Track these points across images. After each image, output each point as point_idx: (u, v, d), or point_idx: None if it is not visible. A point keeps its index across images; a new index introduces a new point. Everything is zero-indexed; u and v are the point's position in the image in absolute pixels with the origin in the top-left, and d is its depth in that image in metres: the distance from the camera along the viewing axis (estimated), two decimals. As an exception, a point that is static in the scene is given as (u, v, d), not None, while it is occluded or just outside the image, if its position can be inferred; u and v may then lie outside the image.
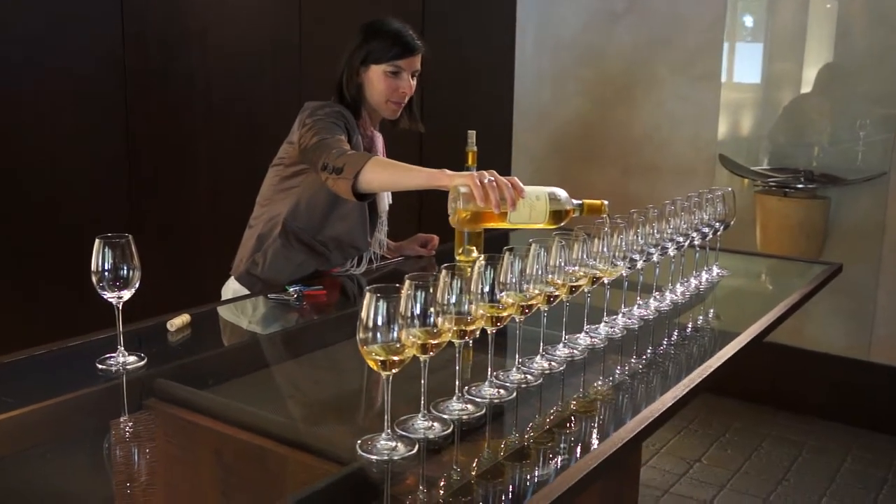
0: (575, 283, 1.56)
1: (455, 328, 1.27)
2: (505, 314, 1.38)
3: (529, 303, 1.44)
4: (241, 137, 3.30)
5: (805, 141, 3.99)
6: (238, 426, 1.36)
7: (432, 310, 1.19)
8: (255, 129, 3.32)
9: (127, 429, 1.39)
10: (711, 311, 2.10)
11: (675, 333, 1.86)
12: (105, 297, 1.49)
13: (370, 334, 1.15)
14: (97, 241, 1.47)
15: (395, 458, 1.18)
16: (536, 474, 1.22)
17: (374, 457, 1.18)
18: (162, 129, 3.05)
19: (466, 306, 1.29)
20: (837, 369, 3.91)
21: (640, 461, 2.36)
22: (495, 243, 1.45)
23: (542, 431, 1.34)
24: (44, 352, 1.59)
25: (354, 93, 2.24)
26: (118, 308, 1.51)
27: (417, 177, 1.90)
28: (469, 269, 1.32)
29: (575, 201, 1.85)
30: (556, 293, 1.51)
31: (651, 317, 1.90)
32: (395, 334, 1.16)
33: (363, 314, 1.15)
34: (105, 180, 2.89)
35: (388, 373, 1.18)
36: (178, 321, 1.72)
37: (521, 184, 1.79)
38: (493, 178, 1.75)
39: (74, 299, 2.43)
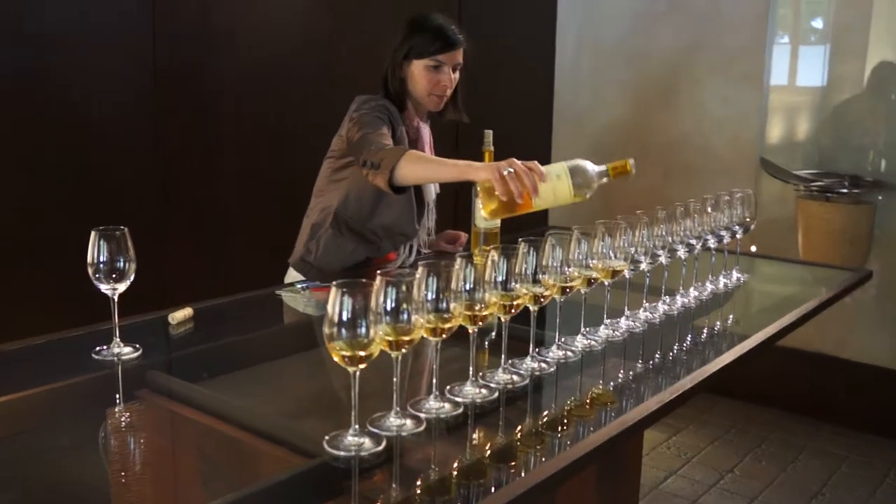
0: (542, 294, 1.51)
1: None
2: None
3: (516, 302, 1.42)
4: (269, 137, 3.34)
5: (853, 144, 3.87)
6: (220, 419, 1.37)
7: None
8: (285, 128, 3.36)
9: (118, 418, 1.41)
10: (731, 317, 2.05)
11: (682, 337, 1.82)
12: (101, 288, 1.52)
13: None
14: (93, 233, 1.50)
15: (363, 453, 1.17)
16: (516, 473, 1.21)
17: (342, 452, 1.17)
18: (190, 129, 3.10)
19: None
20: (883, 382, 3.78)
21: (640, 465, 2.31)
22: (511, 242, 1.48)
23: (527, 433, 1.32)
24: (43, 341, 1.62)
25: (398, 87, 2.30)
26: (114, 300, 1.53)
27: (449, 171, 1.98)
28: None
29: (598, 168, 1.87)
30: (546, 293, 1.49)
31: (658, 320, 1.85)
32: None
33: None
34: (134, 181, 2.96)
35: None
36: (180, 314, 1.74)
37: (540, 167, 1.85)
38: (511, 170, 1.82)
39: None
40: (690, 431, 3.79)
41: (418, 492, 1.14)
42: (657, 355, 1.69)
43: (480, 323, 1.36)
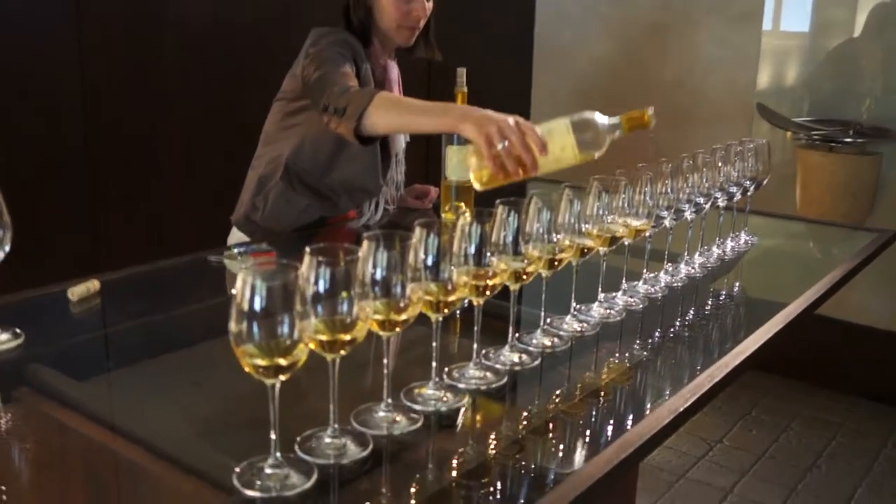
0: (558, 257, 1.24)
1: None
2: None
3: (491, 282, 1.12)
4: (214, 74, 2.98)
5: (854, 90, 3.56)
6: (113, 430, 1.07)
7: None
8: (233, 64, 3.00)
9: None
10: (737, 285, 1.77)
11: (691, 312, 1.54)
12: (-35, 261, 1.20)
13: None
14: (-47, 191, 1.18)
15: (286, 493, 0.88)
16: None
17: (257, 493, 0.88)
18: (122, 60, 2.74)
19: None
20: (882, 345, 3.54)
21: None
22: (486, 201, 1.19)
23: (509, 442, 1.03)
24: None
25: (363, 17, 1.98)
26: (-16, 275, 1.22)
27: (427, 122, 1.70)
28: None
29: (611, 120, 1.55)
30: (529, 268, 1.19)
31: (659, 294, 1.57)
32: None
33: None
34: (62, 116, 2.60)
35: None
36: (82, 289, 1.42)
37: (539, 136, 1.52)
38: (505, 143, 1.50)
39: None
40: (677, 397, 3.54)
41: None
42: (681, 329, 1.46)
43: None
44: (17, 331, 1.26)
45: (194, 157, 2.95)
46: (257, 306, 0.82)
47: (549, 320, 1.35)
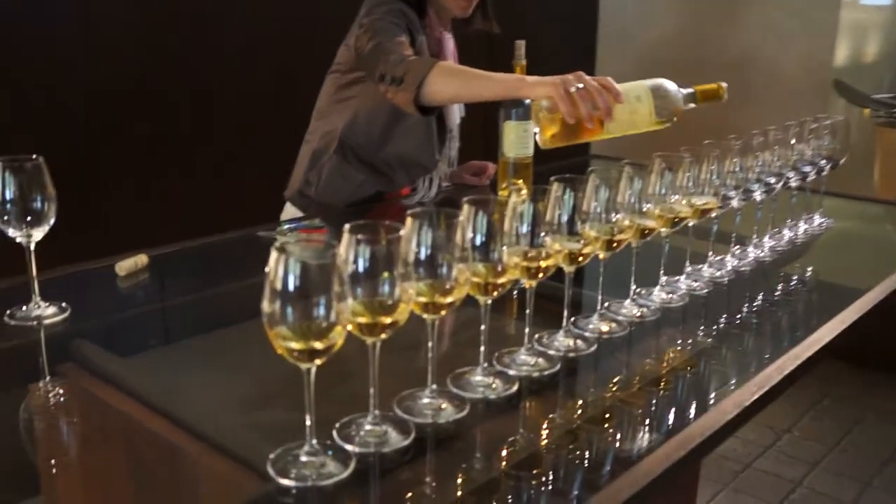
0: (616, 238, 1.17)
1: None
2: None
3: (544, 263, 1.06)
4: (268, 46, 2.95)
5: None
6: (151, 409, 1.04)
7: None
8: (287, 36, 2.97)
9: (30, 402, 1.09)
10: (810, 270, 1.67)
11: (760, 298, 1.45)
12: (11, 234, 1.19)
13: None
14: (-5, 165, 1.16)
15: (322, 483, 0.84)
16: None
17: (292, 482, 0.84)
18: (177, 37, 2.73)
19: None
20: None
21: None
22: (546, 180, 1.13)
23: (563, 430, 0.97)
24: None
25: None
26: (29, 249, 1.20)
27: (492, 86, 1.67)
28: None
29: (684, 90, 1.54)
30: (585, 249, 1.12)
31: (725, 278, 1.48)
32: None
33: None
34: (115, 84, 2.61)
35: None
36: (129, 263, 1.41)
37: (615, 85, 1.52)
38: (581, 85, 1.49)
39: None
40: (743, 385, 3.42)
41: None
42: (748, 315, 1.37)
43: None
44: (64, 305, 1.24)
45: (250, 130, 2.94)
46: (291, 286, 0.77)
47: (606, 304, 1.28)
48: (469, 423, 0.98)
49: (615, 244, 1.16)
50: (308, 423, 0.84)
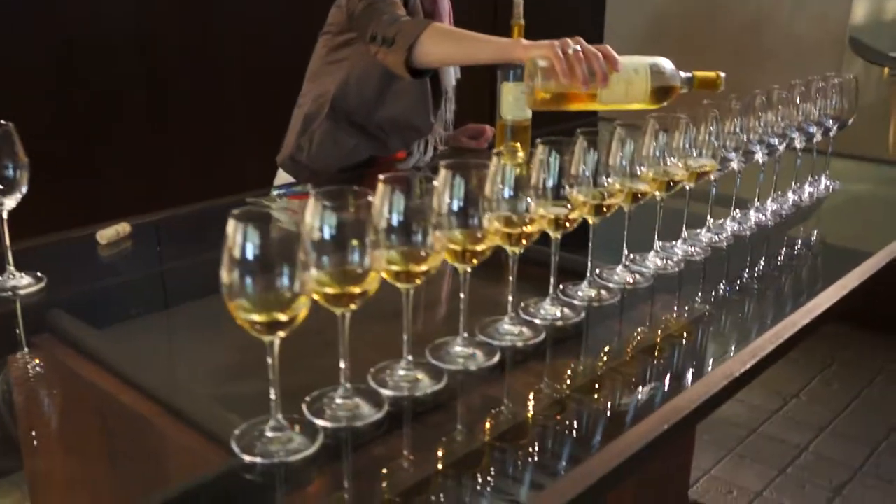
0: (606, 202, 1.12)
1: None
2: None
3: (529, 229, 1.02)
4: (259, 7, 2.89)
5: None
6: (126, 381, 1.02)
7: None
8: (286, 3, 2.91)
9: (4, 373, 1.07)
10: (815, 234, 1.62)
11: (761, 263, 1.40)
12: (-18, 202, 1.16)
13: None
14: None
15: (289, 459, 0.81)
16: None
17: (258, 458, 0.81)
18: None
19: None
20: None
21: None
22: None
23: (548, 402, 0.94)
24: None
25: None
26: (1, 217, 1.17)
27: (485, 49, 1.63)
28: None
29: (683, 74, 1.51)
30: (572, 214, 1.08)
31: (724, 243, 1.43)
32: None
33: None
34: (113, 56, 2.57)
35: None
36: (111, 232, 1.38)
37: (614, 53, 1.47)
38: (578, 48, 1.45)
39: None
40: (751, 349, 3.38)
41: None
42: (749, 281, 1.34)
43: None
44: (39, 275, 1.21)
45: (240, 96, 2.89)
46: (250, 255, 0.74)
47: (597, 271, 1.24)
48: (448, 396, 0.94)
49: (605, 209, 1.12)
50: (273, 397, 0.81)
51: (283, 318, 0.76)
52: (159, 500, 0.81)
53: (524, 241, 1.01)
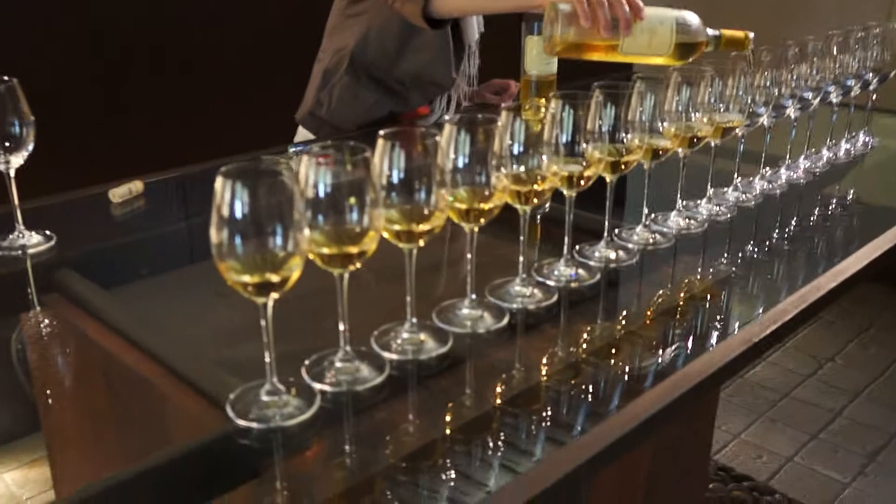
0: (624, 159, 1.08)
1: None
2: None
3: (540, 186, 0.98)
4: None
5: None
6: (131, 342, 1.00)
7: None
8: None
9: (14, 332, 1.06)
10: (850, 193, 1.55)
11: (792, 223, 1.35)
12: (-14, 160, 1.14)
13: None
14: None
15: (285, 423, 0.79)
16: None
17: (254, 423, 0.79)
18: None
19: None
20: None
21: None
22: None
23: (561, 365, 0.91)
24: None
25: None
26: (9, 175, 1.16)
27: None
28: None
29: (710, 31, 1.44)
30: (586, 172, 1.03)
31: (752, 202, 1.38)
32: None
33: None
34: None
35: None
36: (124, 190, 1.36)
37: (640, 2, 1.40)
38: None
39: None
40: (786, 311, 3.31)
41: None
42: (779, 241, 1.29)
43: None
44: (48, 233, 1.20)
45: (259, 53, 2.85)
46: (239, 213, 0.71)
47: (615, 231, 1.20)
48: (454, 360, 0.92)
49: (623, 166, 1.07)
50: (268, 360, 0.79)
51: (274, 279, 0.74)
52: (151, 465, 0.79)
53: (535, 200, 0.97)
